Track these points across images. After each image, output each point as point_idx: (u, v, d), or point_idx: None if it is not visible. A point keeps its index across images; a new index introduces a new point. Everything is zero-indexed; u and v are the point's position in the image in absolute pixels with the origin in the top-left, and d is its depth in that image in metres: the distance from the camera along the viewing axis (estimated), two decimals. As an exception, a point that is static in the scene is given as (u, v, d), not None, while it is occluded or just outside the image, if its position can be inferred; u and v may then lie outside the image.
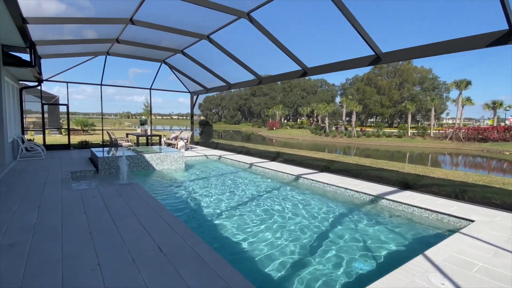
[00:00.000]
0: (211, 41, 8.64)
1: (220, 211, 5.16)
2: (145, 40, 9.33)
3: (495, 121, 40.46)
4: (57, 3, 7.32)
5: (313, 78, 73.29)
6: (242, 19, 7.09)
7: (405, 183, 6.43)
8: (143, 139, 12.75)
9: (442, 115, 62.15)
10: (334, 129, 47.20)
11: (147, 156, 8.42)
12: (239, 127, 74.98)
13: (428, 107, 45.49)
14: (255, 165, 9.00)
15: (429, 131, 40.79)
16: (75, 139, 15.37)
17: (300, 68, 7.81)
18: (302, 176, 7.23)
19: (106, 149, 9.91)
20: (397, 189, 6.01)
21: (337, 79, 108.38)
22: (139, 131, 12.58)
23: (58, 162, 8.67)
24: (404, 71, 57.43)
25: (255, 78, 9.67)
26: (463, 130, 37.69)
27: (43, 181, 6.08)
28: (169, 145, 13.24)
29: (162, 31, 7.96)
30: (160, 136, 12.23)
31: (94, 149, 9.33)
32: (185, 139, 12.64)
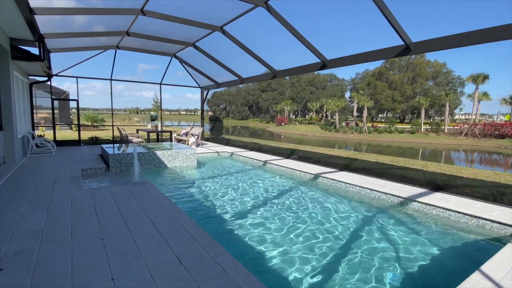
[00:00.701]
0: (224, 32, 8.24)
1: (239, 214, 4.83)
2: (155, 32, 9.00)
3: (513, 117, 38.98)
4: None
5: (322, 73, 72.17)
6: (258, 8, 6.66)
7: (434, 183, 5.98)
8: (153, 135, 12.52)
9: (455, 111, 60.45)
10: (344, 124, 46.36)
11: (158, 153, 8.14)
12: (247, 122, 74.61)
13: (442, 102, 44.14)
14: (270, 163, 8.63)
15: (443, 127, 39.60)
16: (85, 134, 15.28)
17: (319, 60, 7.35)
18: (321, 175, 6.83)
19: (116, 146, 9.69)
20: (427, 191, 5.57)
21: (346, 74, 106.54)
22: (149, 127, 12.34)
23: (68, 158, 8.49)
24: (417, 65, 55.89)
25: (270, 71, 9.25)
26: (479, 126, 36.44)
27: (52, 179, 5.86)
28: (179, 141, 12.98)
29: (173, 22, 7.60)
30: (170, 132, 11.97)
31: (104, 146, 9.11)
32: (196, 135, 12.35)
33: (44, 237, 3.16)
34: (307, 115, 71.47)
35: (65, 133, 19.80)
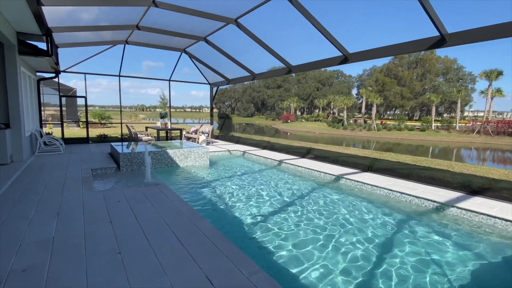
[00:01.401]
0: (239, 25, 7.83)
1: (263, 221, 4.46)
2: (166, 26, 8.63)
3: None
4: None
5: (329, 69, 71.20)
6: (277, -2, 6.25)
7: (469, 186, 5.54)
8: (162, 133, 12.21)
9: (465, 107, 59.19)
10: (352, 122, 45.65)
11: (170, 152, 7.82)
12: (252, 119, 74.13)
13: (453, 99, 43.13)
14: (285, 163, 8.25)
15: (454, 124, 38.69)
16: (93, 132, 15.06)
17: (340, 54, 6.90)
18: (344, 176, 6.43)
19: (126, 144, 9.40)
20: (463, 195, 5.13)
21: (353, 70, 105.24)
22: (158, 124, 12.03)
23: (77, 157, 8.21)
24: (426, 61, 54.77)
25: (285, 67, 8.82)
26: (492, 123, 35.47)
27: (62, 180, 5.56)
28: (188, 139, 12.67)
29: (186, 14, 7.21)
30: (181, 130, 11.64)
31: (114, 144, 8.83)
32: (206, 133, 12.01)
33: (55, 249, 2.83)
34: (313, 112, 70.74)
35: (73, 131, 19.66)
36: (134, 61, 11.73)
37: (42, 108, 11.14)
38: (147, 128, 12.18)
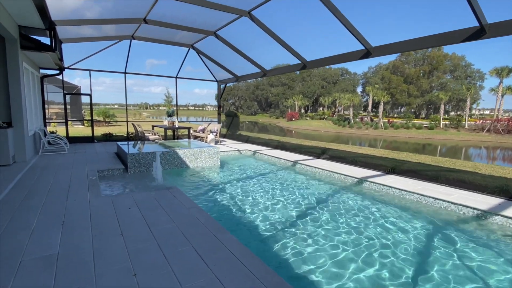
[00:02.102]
0: (253, 18, 7.39)
1: (287, 233, 4.04)
2: (175, 20, 8.21)
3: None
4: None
5: (334, 67, 70.38)
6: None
7: (507, 190, 5.08)
8: (169, 132, 11.84)
9: (472, 106, 58.13)
10: (358, 120, 45.01)
11: (180, 152, 7.43)
12: (256, 118, 73.58)
13: (463, 96, 42.28)
14: (300, 163, 7.82)
15: (463, 123, 37.90)
16: (98, 130, 14.73)
17: (362, 47, 6.44)
18: (367, 179, 5.99)
19: (133, 143, 9.04)
20: (504, 201, 4.68)
21: (359, 68, 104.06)
22: (165, 123, 11.65)
23: (82, 157, 7.86)
24: (434, 58, 53.80)
25: (299, 62, 8.37)
26: (502, 121, 34.65)
27: (67, 182, 5.19)
28: (195, 138, 12.29)
29: (197, 5, 6.78)
30: (188, 128, 11.24)
31: (120, 143, 8.47)
32: (215, 132, 11.61)
33: (59, 267, 2.45)
34: (318, 110, 70.05)
35: (77, 129, 19.37)
36: (137, 59, 11.40)
37: (46, 106, 10.80)
38: (153, 126, 11.81)
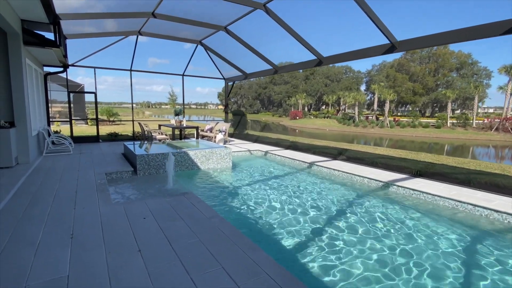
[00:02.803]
0: (268, 11, 6.97)
1: (319, 245, 3.65)
2: (185, 14, 7.82)
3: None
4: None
5: (337, 65, 69.65)
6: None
7: (552, 197, 4.65)
8: (176, 131, 11.46)
9: (479, 104, 57.36)
10: (364, 118, 44.46)
11: (190, 153, 7.05)
12: (259, 116, 73.08)
13: (470, 94, 41.63)
14: (317, 165, 7.42)
15: (471, 121, 37.30)
16: (103, 130, 14.37)
17: (387, 41, 6.01)
18: (394, 183, 5.58)
19: (139, 143, 8.67)
20: (553, 209, 4.25)
21: (362, 66, 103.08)
22: (173, 122, 11.27)
23: (88, 158, 7.50)
24: (440, 55, 53.11)
25: (315, 58, 7.95)
26: (511, 120, 34.01)
27: (74, 187, 4.82)
28: (203, 137, 11.92)
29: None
30: (197, 128, 10.86)
31: (127, 143, 8.10)
32: (223, 132, 11.23)
33: (71, 296, 2.07)
34: (321, 109, 69.51)
35: (81, 128, 19.04)
36: (138, 58, 11.06)
37: (49, 105, 10.44)
38: (160, 126, 11.44)
